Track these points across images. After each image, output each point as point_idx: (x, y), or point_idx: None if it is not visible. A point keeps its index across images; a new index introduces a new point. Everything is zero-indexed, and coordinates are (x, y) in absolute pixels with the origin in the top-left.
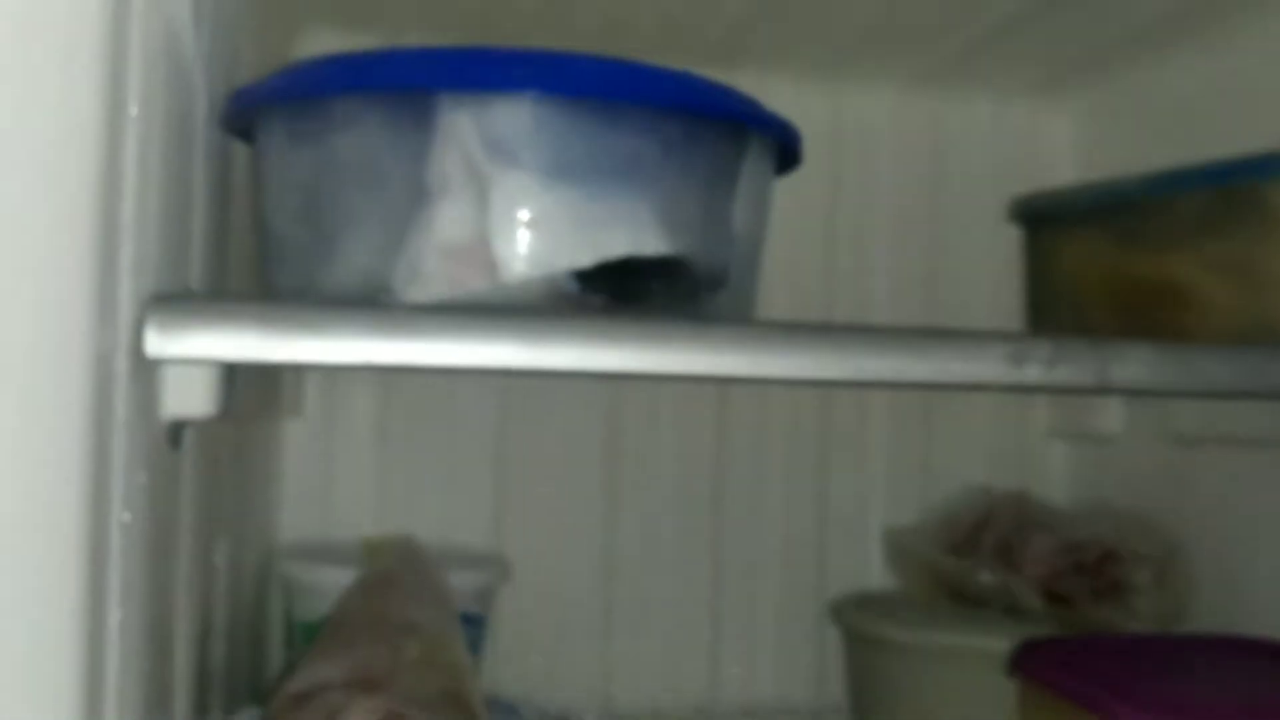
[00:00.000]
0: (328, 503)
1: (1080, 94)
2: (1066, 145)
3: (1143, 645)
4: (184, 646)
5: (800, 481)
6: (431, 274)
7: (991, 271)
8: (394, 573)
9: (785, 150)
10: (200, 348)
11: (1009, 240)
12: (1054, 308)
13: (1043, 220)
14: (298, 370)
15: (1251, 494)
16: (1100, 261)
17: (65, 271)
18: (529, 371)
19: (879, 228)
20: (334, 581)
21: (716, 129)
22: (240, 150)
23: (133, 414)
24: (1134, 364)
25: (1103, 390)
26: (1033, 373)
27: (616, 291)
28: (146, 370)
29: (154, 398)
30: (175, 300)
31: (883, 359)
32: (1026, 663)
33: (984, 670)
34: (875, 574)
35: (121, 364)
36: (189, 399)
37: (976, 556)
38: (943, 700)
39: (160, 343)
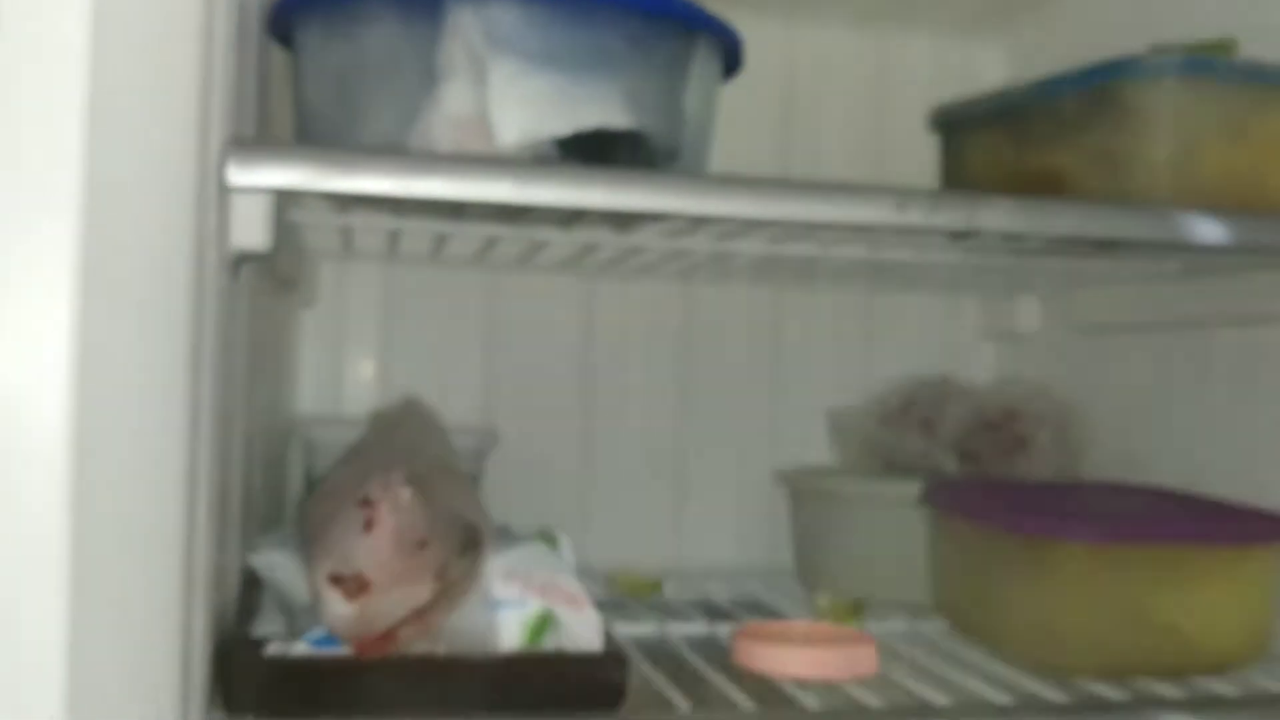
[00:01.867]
0: (338, 382)
1: (1012, 30)
2: (1000, 80)
3: (1036, 486)
4: (236, 467)
5: (756, 371)
6: (439, 141)
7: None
8: (401, 415)
9: (730, 56)
10: (268, 178)
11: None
12: None
13: (954, 126)
14: (314, 261)
15: (1142, 371)
16: (999, 158)
17: (176, 114)
18: (521, 206)
19: (829, 144)
20: (347, 439)
21: (673, 28)
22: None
23: (215, 238)
24: (997, 211)
25: (971, 231)
26: (915, 216)
27: (589, 158)
28: (225, 201)
29: (227, 228)
30: (249, 141)
31: (796, 203)
32: (936, 496)
33: (904, 512)
34: (822, 454)
35: (211, 191)
36: (250, 232)
37: (903, 428)
38: (870, 540)
39: (239, 174)
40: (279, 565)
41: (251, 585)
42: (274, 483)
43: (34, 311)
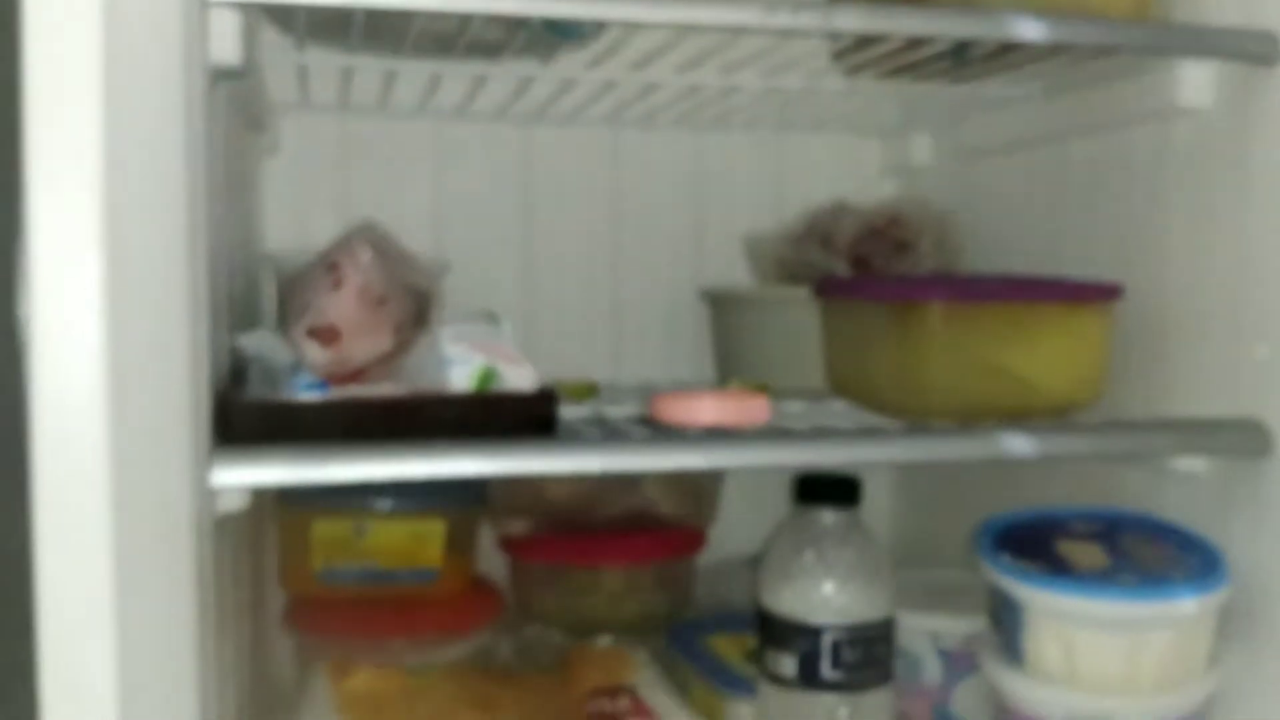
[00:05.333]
0: (302, 227)
1: None
2: None
3: (910, 276)
4: (221, 262)
5: (681, 206)
6: None
7: None
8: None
9: None
10: None
11: None
12: None
13: None
14: (275, 114)
15: (1013, 185)
16: None
17: None
18: (444, 33)
19: None
20: None
21: None
22: None
23: (199, 49)
24: (852, 14)
25: (833, 32)
26: (783, 19)
27: None
28: (205, 14)
29: (206, 41)
30: None
31: (677, 8)
32: (824, 286)
33: (802, 312)
34: (743, 279)
35: (193, 3)
36: (225, 48)
37: (806, 245)
38: (775, 338)
39: None
40: (263, 341)
41: (239, 370)
42: (252, 300)
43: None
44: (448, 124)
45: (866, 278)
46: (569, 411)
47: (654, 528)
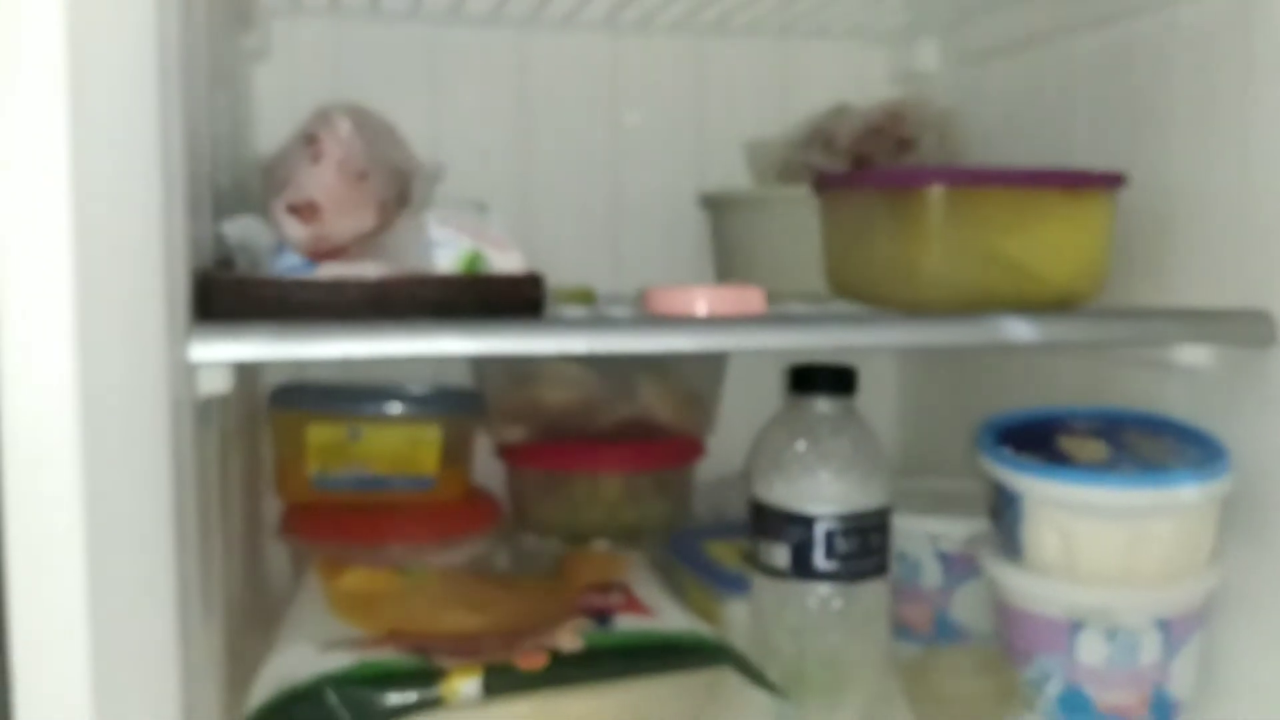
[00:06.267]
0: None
1: None
2: None
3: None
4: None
5: (682, 110)
6: None
7: None
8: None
9: None
10: None
11: None
12: None
13: None
14: (265, 19)
15: (1020, 84)
16: None
17: None
18: None
19: None
20: None
21: None
22: None
23: None
24: None
25: None
26: None
27: None
28: None
29: None
30: None
31: None
32: (823, 181)
33: (803, 213)
34: (744, 185)
35: None
36: None
37: (808, 148)
38: (776, 239)
39: None
40: (245, 225)
41: (224, 261)
42: (240, 201)
43: None
44: (441, 28)
45: (864, 171)
46: (565, 311)
47: (652, 436)
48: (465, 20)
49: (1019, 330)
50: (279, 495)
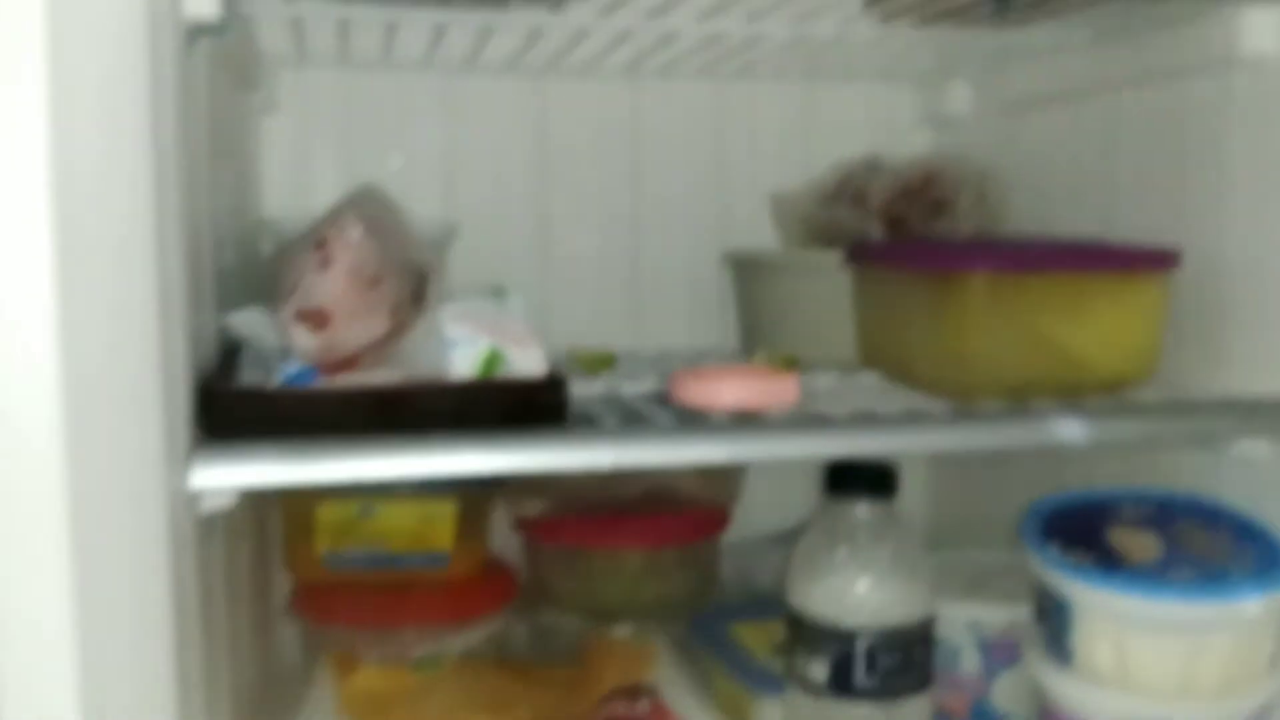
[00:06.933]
0: (303, 190)
1: None
2: None
3: (948, 239)
4: (206, 237)
5: (703, 162)
6: None
7: None
8: (361, 192)
9: None
10: None
11: None
12: None
13: None
14: (272, 70)
15: (1059, 138)
16: None
17: None
18: None
19: None
20: None
21: None
22: None
23: (168, 4)
24: None
25: None
26: None
27: None
28: None
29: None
30: None
31: None
32: (858, 252)
33: (834, 278)
34: (768, 239)
35: None
36: (201, 2)
37: (836, 203)
38: (804, 305)
39: None
40: (252, 321)
41: (231, 352)
42: (248, 269)
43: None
44: (456, 77)
45: (903, 244)
46: (582, 388)
47: (676, 507)
48: (482, 69)
49: (1070, 430)
50: (288, 573)
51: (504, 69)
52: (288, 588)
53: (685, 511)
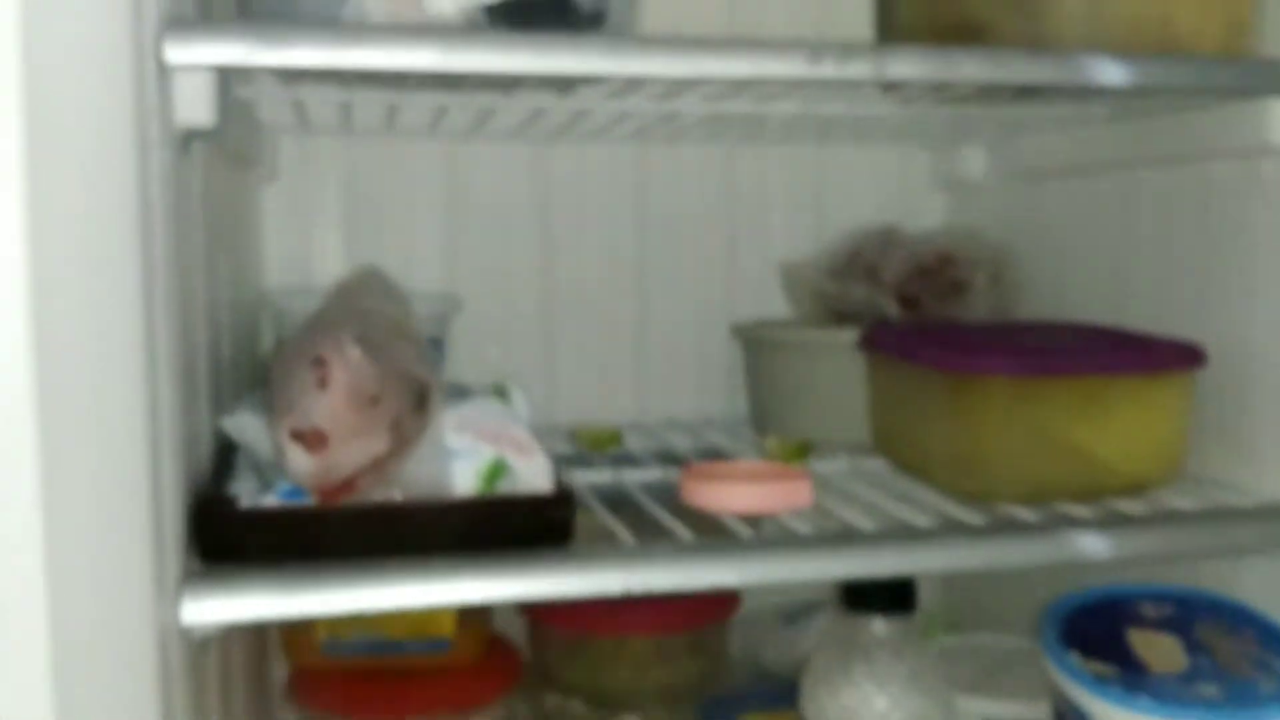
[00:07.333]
0: (305, 257)
1: None
2: None
3: (966, 326)
4: (201, 334)
5: (711, 227)
6: (372, 12)
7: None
8: (362, 281)
9: None
10: (205, 56)
11: None
12: None
13: None
14: (273, 137)
15: (1075, 213)
16: (926, 8)
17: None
18: (447, 73)
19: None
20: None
21: None
22: None
23: (159, 116)
24: (906, 61)
25: (882, 80)
26: (828, 69)
27: (516, 24)
28: (166, 80)
29: (170, 106)
30: (185, 21)
31: (713, 60)
32: (872, 338)
33: (847, 358)
34: (777, 307)
35: (150, 70)
36: (195, 109)
37: (849, 278)
38: (816, 385)
39: (176, 53)
40: (248, 426)
41: (227, 450)
42: (247, 353)
43: None
44: (459, 144)
45: (920, 334)
46: (585, 475)
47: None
48: (487, 135)
49: (1094, 546)
50: (286, 659)
51: (508, 137)
52: (285, 674)
53: (693, 594)
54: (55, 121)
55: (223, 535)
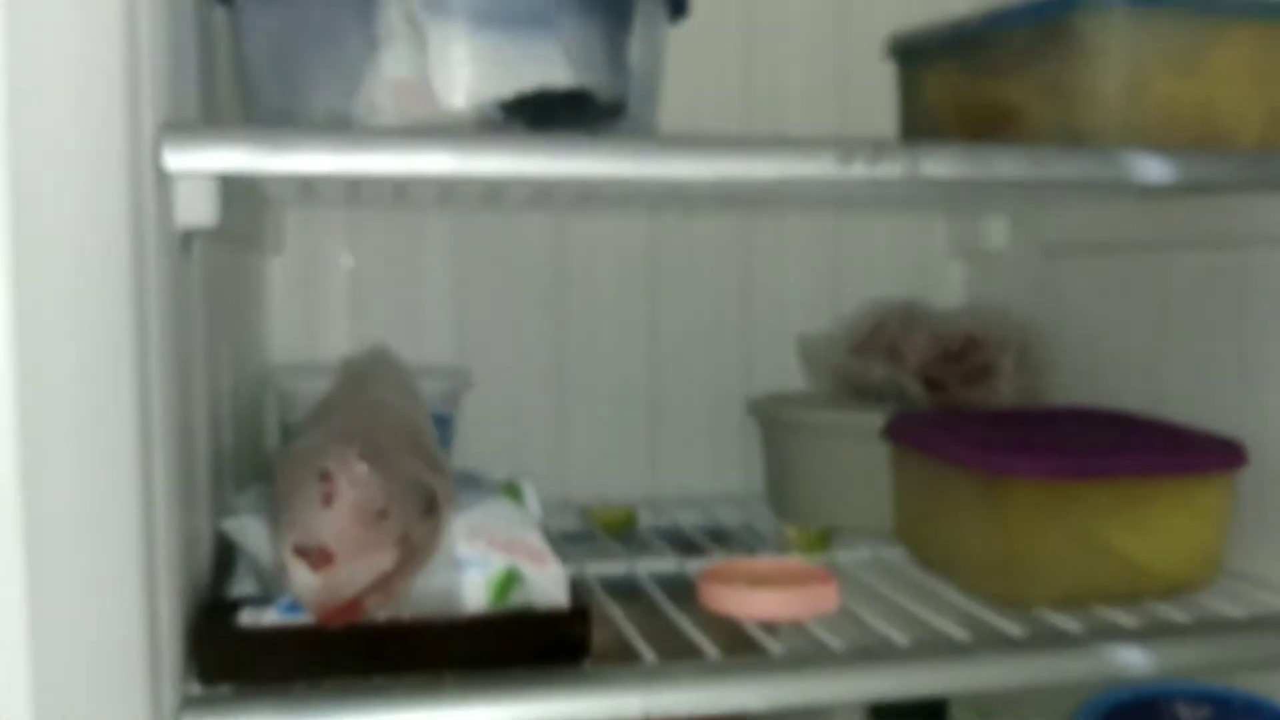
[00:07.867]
0: (311, 329)
1: None
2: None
3: (995, 415)
4: (202, 431)
5: (726, 298)
6: (383, 107)
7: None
8: (370, 366)
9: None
10: (205, 162)
11: None
12: (920, 128)
13: (911, 56)
14: (278, 208)
15: (1105, 292)
16: (953, 88)
17: (103, 102)
18: (462, 179)
19: (791, 63)
20: (319, 390)
21: None
22: (219, 15)
23: (157, 220)
24: (940, 160)
25: (914, 180)
26: (859, 169)
27: (533, 119)
28: (165, 184)
29: (169, 208)
30: (185, 125)
31: (739, 162)
32: (897, 429)
33: (869, 442)
34: (794, 379)
35: (147, 176)
36: (196, 210)
37: (871, 355)
38: (837, 469)
39: (175, 159)
40: (250, 529)
41: (228, 544)
42: (251, 435)
43: None
44: (469, 215)
45: (948, 428)
46: (596, 566)
47: None
48: (498, 206)
49: (1137, 660)
50: None
51: (519, 208)
52: None
53: None
54: (44, 230)
55: (223, 657)
